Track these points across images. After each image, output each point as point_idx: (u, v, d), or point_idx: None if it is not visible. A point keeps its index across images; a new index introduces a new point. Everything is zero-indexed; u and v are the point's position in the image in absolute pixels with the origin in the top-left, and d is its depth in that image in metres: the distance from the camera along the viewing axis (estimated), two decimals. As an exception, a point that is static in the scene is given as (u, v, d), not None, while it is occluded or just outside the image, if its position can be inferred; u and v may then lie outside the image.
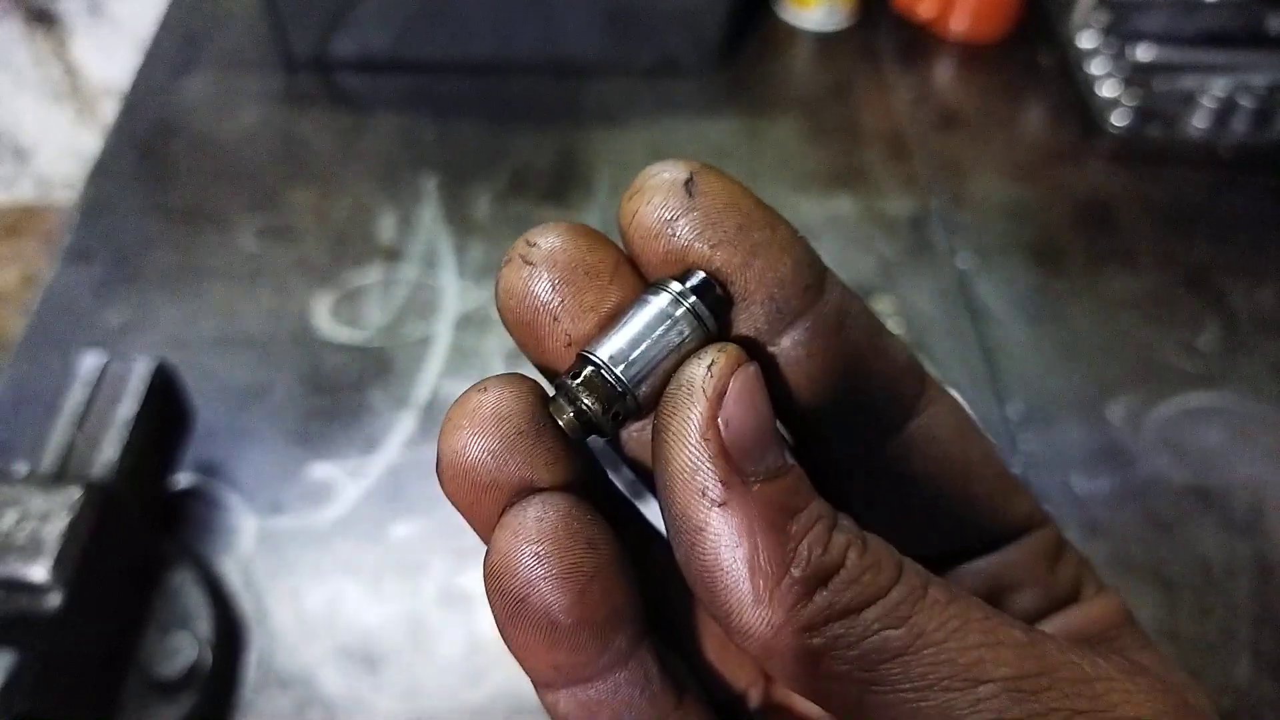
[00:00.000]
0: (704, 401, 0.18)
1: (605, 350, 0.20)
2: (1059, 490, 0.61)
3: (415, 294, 0.71)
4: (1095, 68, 0.87)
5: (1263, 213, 0.80)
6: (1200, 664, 0.55)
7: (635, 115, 0.85)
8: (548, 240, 0.21)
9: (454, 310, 0.70)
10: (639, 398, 0.20)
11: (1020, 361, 0.69)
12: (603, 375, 0.20)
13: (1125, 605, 0.25)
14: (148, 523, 0.54)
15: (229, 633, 0.54)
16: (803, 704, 0.25)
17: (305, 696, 0.53)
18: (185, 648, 0.50)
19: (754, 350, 0.20)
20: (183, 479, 0.60)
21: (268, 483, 0.61)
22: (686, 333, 0.20)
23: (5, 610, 0.45)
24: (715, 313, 0.20)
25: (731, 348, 0.19)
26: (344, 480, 0.61)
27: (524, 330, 0.21)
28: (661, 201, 0.20)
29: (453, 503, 0.21)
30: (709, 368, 0.19)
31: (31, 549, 0.46)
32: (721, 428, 0.18)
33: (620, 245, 0.21)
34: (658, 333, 0.20)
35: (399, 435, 0.63)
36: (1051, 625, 0.25)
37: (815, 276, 0.21)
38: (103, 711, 0.48)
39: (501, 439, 0.20)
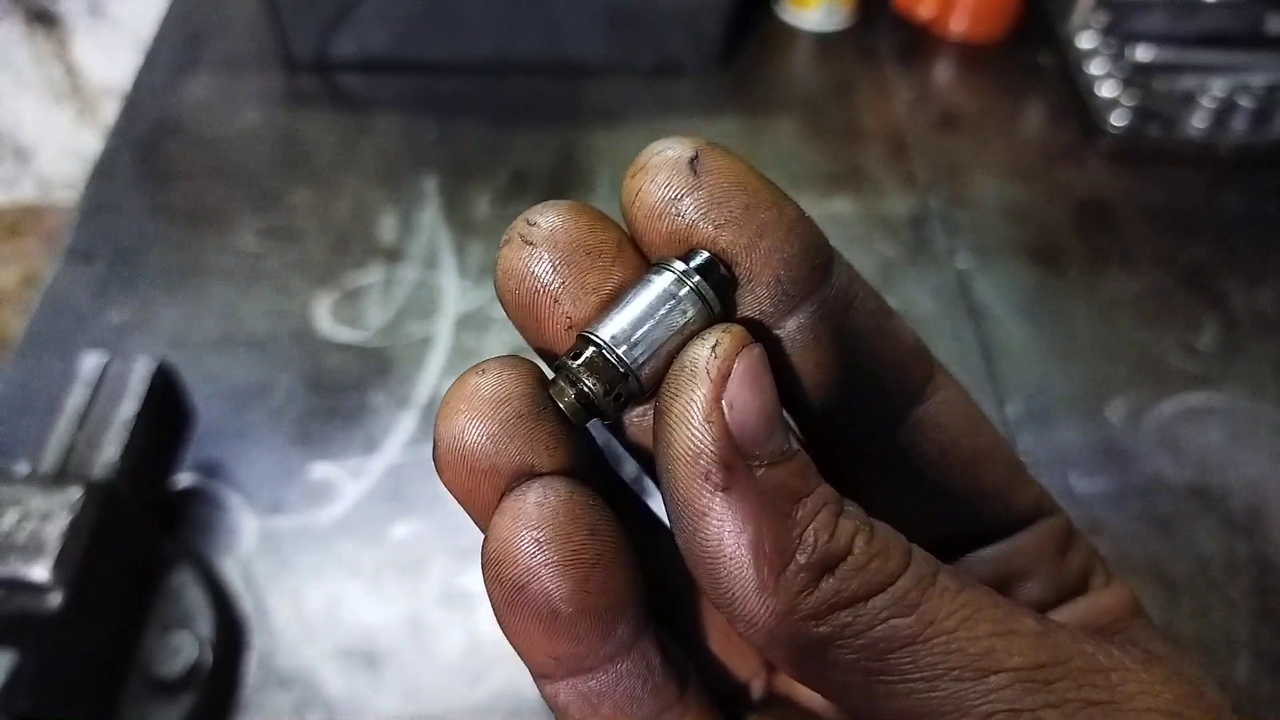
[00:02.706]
0: (707, 383, 0.18)
1: (607, 330, 0.19)
2: (1058, 490, 0.61)
3: (415, 294, 0.71)
4: (1095, 68, 0.87)
5: (1263, 213, 0.80)
6: (1200, 663, 0.55)
7: (635, 115, 0.85)
8: (548, 219, 0.20)
9: (454, 310, 0.70)
10: (642, 379, 0.19)
11: (1020, 361, 0.69)
12: (604, 356, 0.19)
13: (1134, 597, 0.25)
14: (148, 523, 0.54)
15: (229, 633, 0.54)
16: (805, 695, 0.25)
17: (305, 696, 0.53)
18: (186, 647, 0.50)
19: (759, 333, 0.20)
20: (183, 479, 0.60)
21: (268, 483, 0.61)
22: (690, 313, 0.19)
23: (5, 610, 0.45)
24: (720, 293, 0.19)
25: (736, 328, 0.19)
26: (344, 480, 0.61)
27: (523, 312, 0.21)
28: (665, 180, 0.20)
29: (450, 490, 0.20)
30: (713, 349, 0.18)
31: (32, 549, 0.46)
32: (725, 410, 0.18)
33: (622, 225, 0.21)
34: (661, 313, 0.19)
35: (399, 435, 0.63)
36: (1060, 616, 0.24)
37: (822, 258, 0.21)
38: (103, 711, 0.48)
39: (501, 422, 0.19)
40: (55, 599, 0.45)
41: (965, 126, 0.87)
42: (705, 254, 0.19)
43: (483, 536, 0.20)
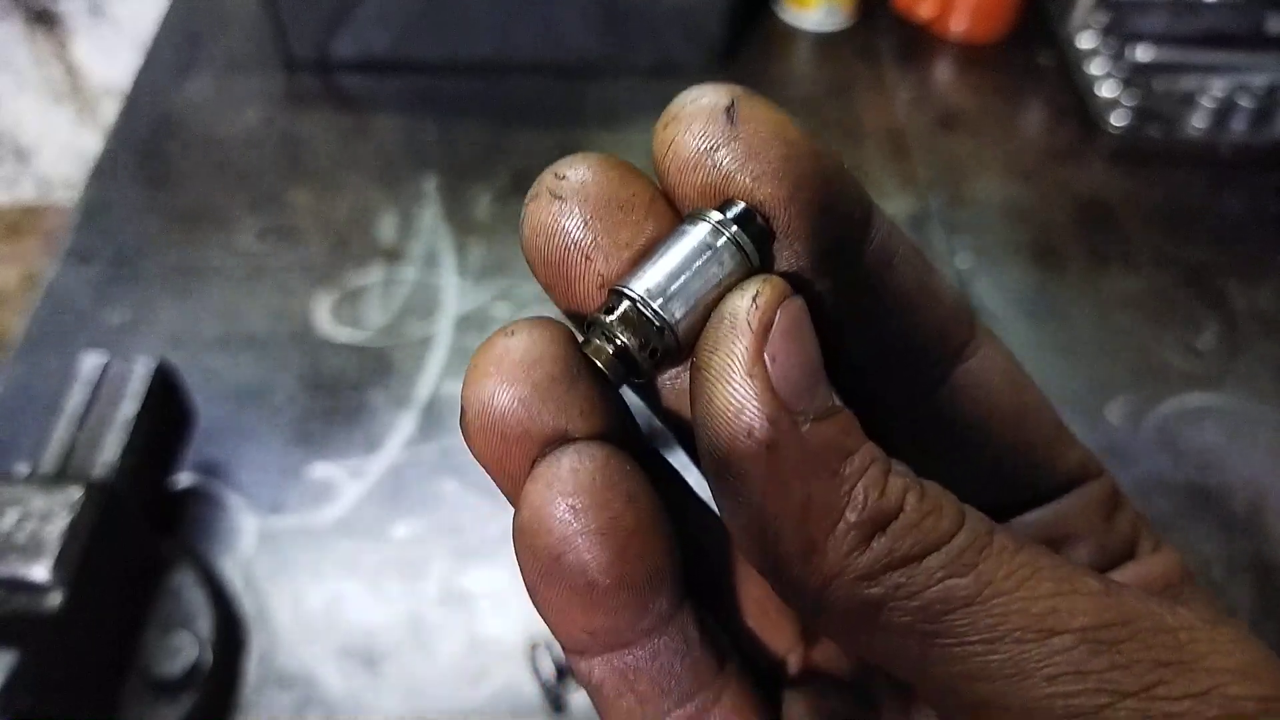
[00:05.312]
0: (749, 335, 0.17)
1: (641, 284, 0.18)
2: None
3: (415, 294, 0.71)
4: (1095, 68, 0.87)
5: (1263, 213, 0.80)
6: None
7: (635, 115, 0.85)
8: (578, 172, 0.19)
9: (454, 310, 0.70)
10: (679, 334, 0.18)
11: (1020, 361, 0.69)
12: (639, 310, 0.18)
13: (1184, 563, 0.23)
14: (148, 523, 0.54)
15: (229, 633, 0.54)
16: (843, 669, 0.24)
17: (305, 696, 0.53)
18: (186, 647, 0.50)
19: (797, 288, 0.19)
20: (183, 479, 0.60)
21: (268, 483, 0.61)
22: (728, 265, 0.18)
23: (6, 610, 0.45)
24: (758, 244, 0.18)
25: (776, 279, 0.18)
26: (344, 480, 0.61)
27: (552, 270, 0.19)
28: (701, 130, 0.19)
29: (478, 458, 0.19)
30: (753, 300, 0.17)
31: (32, 549, 0.46)
32: (768, 363, 0.17)
33: (653, 177, 0.20)
34: (697, 265, 0.18)
35: (399, 435, 0.63)
36: None
37: (862, 211, 0.20)
38: (103, 711, 0.48)
39: (533, 385, 0.18)
40: (55, 599, 0.45)
41: (965, 126, 0.87)
42: (741, 204, 0.19)
43: (513, 509, 0.19)
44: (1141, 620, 0.17)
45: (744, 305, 0.17)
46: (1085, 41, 0.89)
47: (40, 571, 0.45)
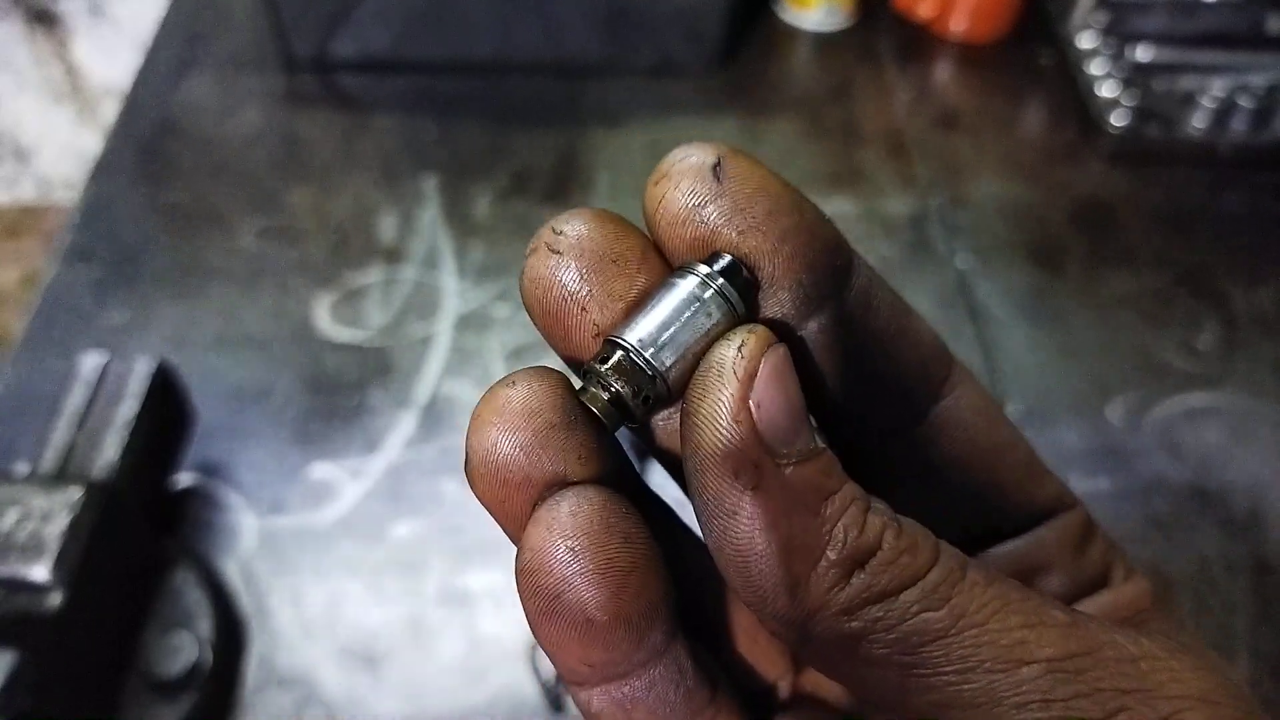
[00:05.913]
0: (735, 383, 0.18)
1: (634, 335, 0.20)
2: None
3: (415, 294, 0.71)
4: (1094, 68, 0.87)
5: (1263, 213, 0.80)
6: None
7: (635, 115, 0.85)
8: (574, 228, 0.21)
9: (454, 310, 0.70)
10: (670, 382, 0.20)
11: (1020, 361, 0.69)
12: (632, 359, 0.20)
13: (1155, 590, 0.25)
14: (148, 523, 0.54)
15: (229, 633, 0.54)
16: (832, 695, 0.25)
17: (305, 696, 0.53)
18: (185, 647, 0.50)
19: (781, 334, 0.20)
20: (183, 479, 0.60)
21: (268, 483, 0.61)
22: (715, 315, 0.20)
23: (6, 610, 0.45)
24: (743, 295, 0.20)
25: (761, 329, 0.19)
26: (344, 480, 0.61)
27: (550, 320, 0.21)
28: (689, 187, 0.20)
29: (482, 502, 0.20)
30: (739, 349, 0.18)
31: (32, 549, 0.46)
32: (753, 409, 0.18)
33: (644, 229, 0.21)
34: (686, 316, 0.20)
35: (399, 435, 0.63)
36: (1081, 609, 0.24)
37: (843, 260, 0.21)
38: (103, 711, 0.48)
39: (533, 433, 0.19)
40: (55, 599, 0.45)
41: (965, 126, 0.87)
42: (728, 257, 0.20)
43: (515, 548, 0.20)
44: (1105, 650, 0.18)
45: (730, 354, 0.18)
46: (1085, 41, 0.89)
47: (40, 571, 0.45)
